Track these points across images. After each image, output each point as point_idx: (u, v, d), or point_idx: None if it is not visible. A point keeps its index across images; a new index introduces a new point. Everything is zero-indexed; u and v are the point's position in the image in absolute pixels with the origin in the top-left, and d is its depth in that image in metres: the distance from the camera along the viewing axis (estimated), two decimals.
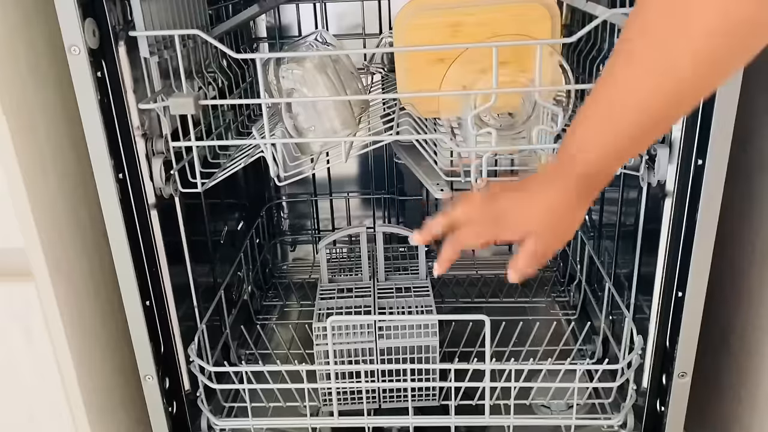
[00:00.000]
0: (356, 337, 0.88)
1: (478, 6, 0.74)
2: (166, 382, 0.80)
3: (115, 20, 0.68)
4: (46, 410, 0.78)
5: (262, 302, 1.21)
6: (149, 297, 0.77)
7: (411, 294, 0.98)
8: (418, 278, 1.03)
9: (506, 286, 1.18)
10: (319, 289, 1.02)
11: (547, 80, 0.71)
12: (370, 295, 0.97)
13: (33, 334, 0.74)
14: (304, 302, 1.21)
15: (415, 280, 1.02)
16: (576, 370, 0.79)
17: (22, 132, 0.67)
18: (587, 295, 1.07)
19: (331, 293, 1.00)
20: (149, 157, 0.75)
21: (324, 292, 1.00)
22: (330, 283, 1.03)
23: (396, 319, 0.88)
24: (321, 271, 1.04)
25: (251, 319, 1.13)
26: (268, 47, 1.21)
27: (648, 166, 0.73)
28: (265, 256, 1.27)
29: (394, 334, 0.87)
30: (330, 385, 0.81)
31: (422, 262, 1.04)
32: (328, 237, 1.04)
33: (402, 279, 1.03)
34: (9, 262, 0.71)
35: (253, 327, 1.09)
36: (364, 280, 1.03)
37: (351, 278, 1.05)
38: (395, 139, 0.76)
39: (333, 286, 1.02)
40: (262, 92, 0.69)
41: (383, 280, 1.03)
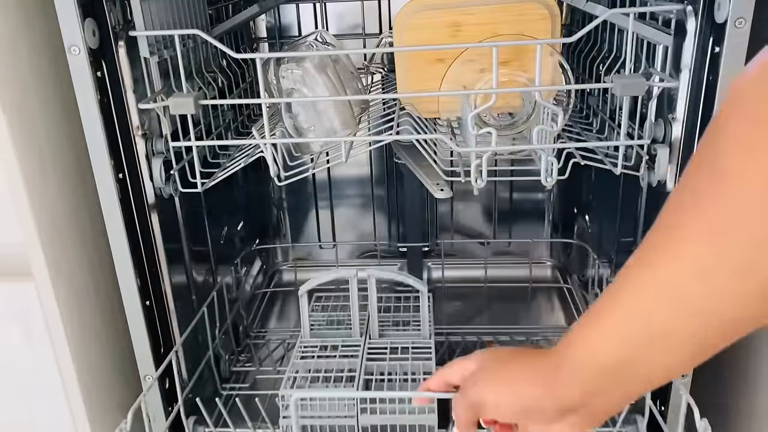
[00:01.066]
0: (333, 411, 0.74)
1: (478, 6, 0.74)
2: (166, 382, 0.80)
3: (115, 20, 0.68)
4: (46, 410, 0.78)
5: (231, 367, 0.99)
6: (149, 297, 0.77)
7: (409, 356, 0.83)
8: (420, 336, 0.88)
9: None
10: (298, 345, 0.87)
11: (547, 80, 0.71)
12: (358, 356, 0.83)
13: (33, 334, 0.74)
14: (282, 368, 0.97)
15: (415, 339, 0.87)
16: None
17: (23, 132, 0.67)
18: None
19: (312, 351, 0.85)
20: (149, 157, 0.75)
21: (304, 350, 0.85)
22: (312, 338, 0.88)
23: (383, 396, 0.73)
24: (302, 323, 0.89)
25: (216, 388, 0.93)
26: (268, 47, 1.21)
27: (648, 166, 0.73)
28: (238, 312, 1.05)
29: (381, 410, 0.73)
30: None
31: (425, 317, 0.89)
32: (309, 282, 0.87)
33: (400, 336, 0.88)
34: (9, 262, 0.71)
35: (217, 398, 0.88)
36: (354, 336, 0.87)
37: (339, 332, 0.90)
38: (395, 139, 0.76)
39: (315, 342, 0.87)
40: (262, 92, 0.69)
41: (377, 336, 0.88)
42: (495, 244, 1.30)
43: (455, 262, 1.27)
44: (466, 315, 1.15)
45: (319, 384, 0.79)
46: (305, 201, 1.31)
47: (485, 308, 1.16)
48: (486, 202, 1.28)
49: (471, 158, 0.70)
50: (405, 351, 0.84)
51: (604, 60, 0.87)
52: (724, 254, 0.34)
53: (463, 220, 1.30)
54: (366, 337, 0.87)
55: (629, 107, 0.69)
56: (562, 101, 0.76)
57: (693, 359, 0.40)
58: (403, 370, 0.81)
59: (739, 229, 0.33)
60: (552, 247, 1.30)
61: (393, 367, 0.81)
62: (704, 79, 0.64)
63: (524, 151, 0.76)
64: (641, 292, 0.39)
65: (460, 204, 1.29)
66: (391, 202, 1.30)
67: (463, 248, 1.31)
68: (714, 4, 0.62)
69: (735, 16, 0.59)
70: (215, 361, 0.92)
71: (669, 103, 0.71)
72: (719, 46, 0.61)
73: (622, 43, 0.79)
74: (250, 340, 1.08)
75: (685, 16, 0.66)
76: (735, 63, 0.61)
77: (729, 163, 0.33)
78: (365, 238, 1.32)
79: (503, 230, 1.30)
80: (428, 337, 0.87)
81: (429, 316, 0.89)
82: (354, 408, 0.73)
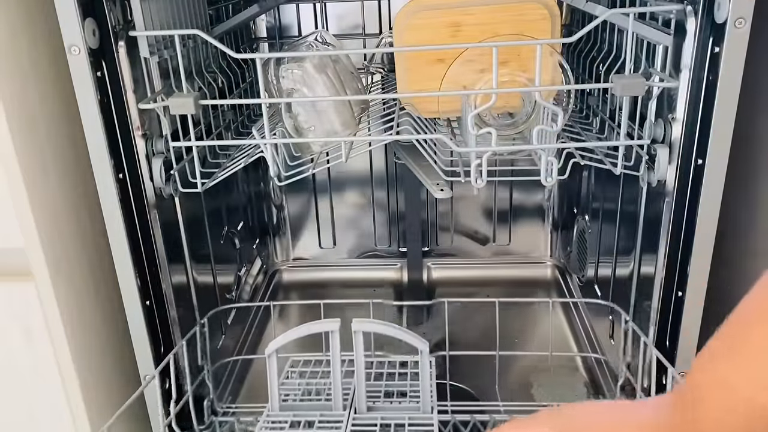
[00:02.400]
0: None
1: (478, 6, 0.74)
2: (166, 382, 0.80)
3: (115, 20, 0.68)
4: (46, 410, 0.78)
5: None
6: (149, 297, 0.77)
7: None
8: (419, 410, 0.69)
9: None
10: (263, 421, 0.70)
11: (547, 80, 0.71)
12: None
13: (33, 334, 0.74)
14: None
15: (413, 414, 0.68)
16: None
17: (23, 132, 0.67)
18: None
19: (281, 427, 0.68)
20: (149, 157, 0.75)
21: (271, 425, 0.69)
22: (282, 412, 0.71)
23: None
24: (269, 391, 0.72)
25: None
26: (268, 47, 1.21)
27: (648, 166, 0.73)
28: (202, 382, 0.84)
29: None
30: None
31: (425, 385, 0.70)
32: (280, 338, 0.70)
33: (393, 411, 0.69)
34: (9, 262, 0.71)
35: None
36: (335, 409, 0.70)
37: (317, 404, 0.72)
38: (395, 139, 0.76)
39: (285, 416, 0.69)
40: (262, 92, 0.69)
41: (364, 410, 0.70)
42: (495, 243, 1.30)
43: (455, 262, 1.27)
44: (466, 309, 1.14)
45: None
46: (305, 201, 1.31)
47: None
48: (486, 202, 1.28)
49: (471, 158, 0.70)
50: (400, 429, 0.67)
51: (604, 60, 0.87)
52: None
53: (463, 220, 1.30)
54: (350, 410, 0.70)
55: (629, 107, 0.69)
56: (562, 101, 0.76)
57: None
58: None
59: None
60: (552, 247, 1.30)
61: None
62: (704, 79, 0.64)
63: (524, 151, 0.76)
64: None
65: (460, 204, 1.29)
66: (391, 202, 1.30)
67: (463, 248, 1.31)
68: (714, 4, 0.62)
69: (735, 16, 0.59)
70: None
71: (669, 103, 0.71)
72: (719, 46, 0.61)
73: (622, 43, 0.79)
74: (216, 417, 0.85)
75: (685, 16, 0.66)
76: (735, 63, 0.61)
77: None
78: (365, 237, 1.32)
79: (503, 230, 1.30)
80: (430, 411, 0.69)
81: (431, 384, 0.70)
82: None
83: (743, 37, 0.60)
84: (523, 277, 1.20)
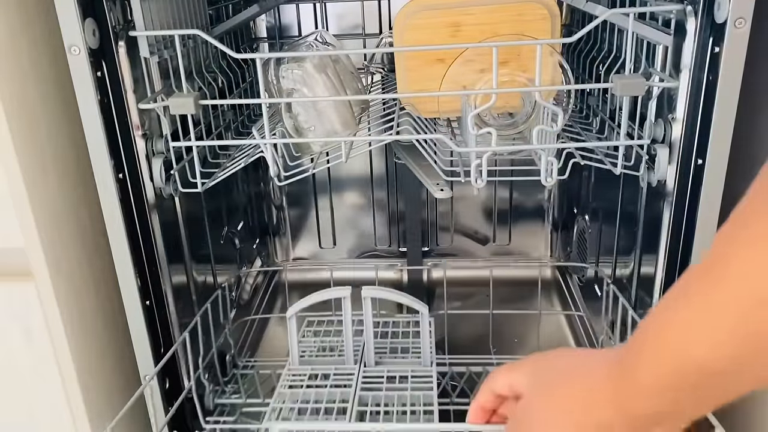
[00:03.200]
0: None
1: (478, 6, 0.74)
2: (166, 382, 0.80)
3: (115, 20, 0.68)
4: (46, 410, 0.78)
5: (215, 399, 0.90)
6: (149, 297, 0.77)
7: (408, 385, 0.75)
8: (420, 364, 0.80)
9: None
10: (286, 372, 0.80)
11: (547, 80, 0.71)
12: (351, 385, 0.75)
13: (33, 334, 0.74)
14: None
15: (415, 367, 0.79)
16: None
17: (23, 132, 0.67)
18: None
19: (301, 380, 0.77)
20: (149, 157, 0.75)
21: (292, 378, 0.78)
22: (301, 366, 0.80)
23: (378, 428, 0.65)
24: (290, 348, 0.81)
25: (198, 423, 0.84)
26: (268, 47, 1.21)
27: (648, 166, 0.73)
28: (226, 340, 0.96)
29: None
30: None
31: (426, 342, 0.81)
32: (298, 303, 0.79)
33: (398, 364, 0.80)
34: (9, 262, 0.71)
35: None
36: (347, 363, 0.80)
37: (332, 359, 0.82)
38: (395, 139, 0.76)
39: (304, 370, 0.79)
40: (262, 92, 0.69)
41: (373, 364, 0.80)
42: (495, 243, 1.30)
43: (455, 262, 1.27)
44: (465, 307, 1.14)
45: (308, 416, 0.72)
46: (305, 201, 1.31)
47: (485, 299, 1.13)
48: (486, 202, 1.28)
49: (471, 158, 0.70)
50: (403, 380, 0.77)
51: (604, 60, 0.87)
52: None
53: (463, 220, 1.30)
54: (360, 364, 0.80)
55: (629, 107, 0.69)
56: (562, 101, 0.76)
57: None
58: (401, 401, 0.74)
59: None
60: (552, 247, 1.30)
61: (390, 397, 0.75)
62: (704, 79, 0.64)
63: (524, 151, 0.76)
64: (741, 276, 0.31)
65: (459, 204, 1.29)
66: (391, 202, 1.30)
67: (463, 248, 1.31)
68: (714, 4, 0.62)
69: (735, 16, 0.59)
70: (197, 393, 0.84)
71: (669, 103, 0.71)
72: (719, 46, 0.61)
73: (622, 43, 0.79)
74: (237, 370, 0.97)
75: (685, 16, 0.66)
76: (735, 63, 0.61)
77: None
78: (365, 238, 1.32)
79: (503, 230, 1.30)
80: (429, 365, 0.80)
81: (430, 342, 0.81)
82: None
83: (743, 37, 0.60)
84: (523, 277, 1.20)
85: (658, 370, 0.36)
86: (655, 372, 0.36)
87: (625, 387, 0.38)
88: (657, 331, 0.36)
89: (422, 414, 0.70)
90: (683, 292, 0.36)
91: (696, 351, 0.33)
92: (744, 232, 0.33)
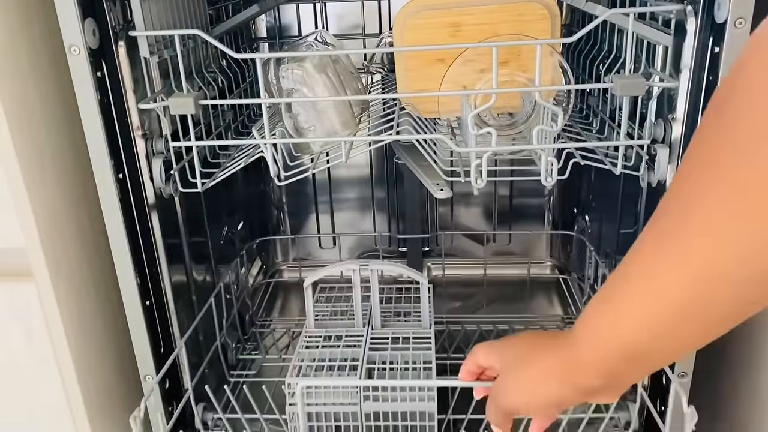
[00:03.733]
0: (338, 398, 0.77)
1: (478, 6, 0.74)
2: (166, 382, 0.80)
3: (115, 20, 0.68)
4: (46, 410, 0.78)
5: (238, 355, 1.04)
6: (149, 297, 0.77)
7: (410, 345, 0.85)
8: (420, 327, 0.91)
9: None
10: (303, 335, 0.90)
11: (547, 80, 0.71)
12: (361, 346, 0.85)
13: (33, 334, 0.74)
14: (288, 356, 1.04)
15: (416, 329, 0.89)
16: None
17: (23, 132, 0.67)
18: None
19: (317, 341, 0.88)
20: (149, 157, 0.75)
21: (309, 339, 0.89)
22: (317, 329, 0.91)
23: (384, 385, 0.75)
24: (307, 314, 0.92)
25: (223, 375, 0.97)
26: (268, 47, 1.21)
27: (648, 166, 0.73)
28: (244, 301, 1.12)
29: (383, 397, 0.76)
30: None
31: (425, 307, 0.91)
32: (314, 274, 0.90)
33: (401, 327, 0.91)
34: (9, 262, 0.71)
35: (225, 385, 0.90)
36: (357, 327, 0.91)
37: (343, 323, 0.93)
38: (395, 139, 0.76)
39: (320, 332, 0.90)
40: (262, 92, 0.69)
41: (379, 327, 0.91)
42: (495, 243, 1.30)
43: (455, 262, 1.27)
44: (465, 307, 1.15)
45: (324, 372, 0.82)
46: (305, 201, 1.31)
47: (484, 302, 1.16)
48: (486, 202, 1.28)
49: (471, 158, 0.70)
50: (406, 341, 0.87)
51: (604, 60, 0.87)
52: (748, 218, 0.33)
53: (463, 220, 1.30)
54: (368, 327, 0.90)
55: (629, 107, 0.69)
56: (562, 101, 0.76)
57: (722, 327, 0.38)
58: (404, 359, 0.83)
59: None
60: (552, 247, 1.30)
61: (394, 356, 0.84)
62: (704, 79, 0.64)
63: (524, 151, 0.76)
64: (659, 268, 0.38)
65: (460, 204, 1.29)
66: (391, 202, 1.30)
67: (462, 248, 1.31)
68: (714, 4, 0.62)
69: (735, 16, 0.59)
70: (222, 350, 0.96)
71: (669, 103, 0.71)
72: (719, 46, 0.61)
73: (622, 43, 0.79)
74: (255, 328, 1.12)
75: (685, 16, 0.66)
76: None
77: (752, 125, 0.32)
78: (365, 238, 1.32)
79: (503, 230, 1.30)
80: (428, 327, 0.90)
81: (429, 307, 0.91)
82: (357, 396, 0.76)
83: (743, 37, 0.60)
84: (523, 277, 1.20)
85: (596, 353, 0.44)
86: (594, 354, 0.44)
87: (572, 366, 0.47)
88: (592, 321, 0.45)
89: (422, 370, 0.80)
90: (609, 292, 0.43)
91: (622, 336, 0.42)
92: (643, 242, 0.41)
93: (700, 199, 0.35)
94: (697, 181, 0.35)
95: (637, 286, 0.40)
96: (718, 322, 0.38)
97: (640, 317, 0.40)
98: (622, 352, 0.43)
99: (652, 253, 0.39)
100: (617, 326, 0.42)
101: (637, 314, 0.40)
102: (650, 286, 0.39)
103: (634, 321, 0.41)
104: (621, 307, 0.41)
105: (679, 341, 0.40)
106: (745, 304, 0.36)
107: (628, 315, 0.41)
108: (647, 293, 0.39)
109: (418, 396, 0.75)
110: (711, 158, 0.35)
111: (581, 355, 0.46)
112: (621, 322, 0.42)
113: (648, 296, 0.39)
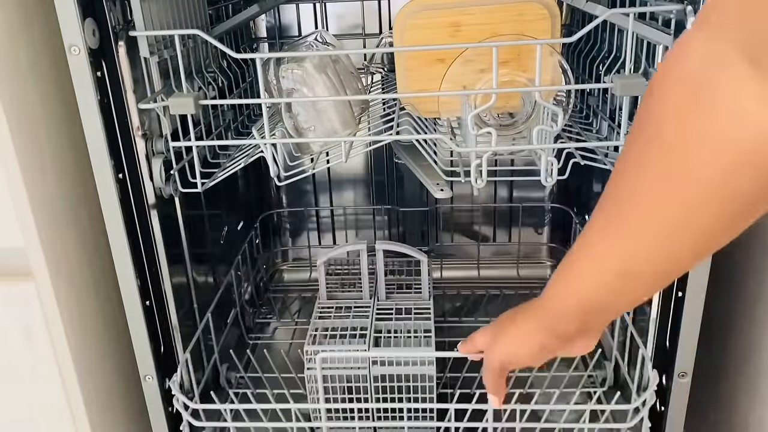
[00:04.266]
0: (349, 364, 0.86)
1: (478, 6, 0.74)
2: (166, 382, 0.80)
3: (115, 20, 0.68)
4: (46, 410, 0.78)
5: (255, 319, 1.16)
6: (149, 297, 0.77)
7: (411, 315, 0.95)
8: (421, 298, 1.00)
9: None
10: (317, 306, 0.99)
11: (547, 80, 0.71)
12: (368, 316, 0.94)
13: (33, 334, 0.74)
14: (300, 320, 1.17)
15: (417, 301, 0.99)
16: (586, 409, 0.78)
17: (23, 132, 0.67)
18: None
19: (329, 312, 0.97)
20: (149, 157, 0.75)
21: (322, 310, 0.98)
22: (329, 300, 1.00)
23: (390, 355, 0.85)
24: (320, 287, 1.01)
25: (243, 338, 1.08)
26: (268, 47, 1.21)
27: None
28: (260, 270, 1.23)
29: (389, 361, 0.85)
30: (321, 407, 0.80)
31: (425, 281, 1.00)
32: (326, 253, 1.01)
33: (403, 299, 1.00)
34: (9, 262, 0.71)
35: (245, 347, 1.06)
36: (364, 299, 1.00)
37: (351, 295, 1.02)
38: (395, 139, 0.76)
39: (331, 303, 0.99)
40: (262, 92, 0.69)
41: (384, 299, 1.00)
42: (494, 243, 1.30)
43: (455, 262, 1.27)
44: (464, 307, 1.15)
45: (336, 340, 0.90)
46: (305, 201, 1.31)
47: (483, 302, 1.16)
48: (486, 202, 1.28)
49: (471, 158, 0.70)
50: (408, 311, 0.96)
51: (604, 60, 0.87)
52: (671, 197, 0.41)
53: (463, 220, 1.30)
54: (374, 299, 0.99)
55: (629, 107, 0.69)
56: (562, 101, 0.76)
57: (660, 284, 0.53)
58: (406, 328, 0.92)
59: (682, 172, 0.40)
60: (551, 247, 1.30)
61: (398, 325, 0.93)
62: None
63: (524, 151, 0.76)
64: (601, 240, 0.48)
65: (460, 204, 1.29)
66: (391, 202, 1.30)
67: (462, 248, 1.31)
68: None
69: None
70: (241, 315, 1.07)
71: None
72: None
73: (622, 43, 0.79)
74: (269, 294, 1.25)
75: (685, 16, 0.65)
76: None
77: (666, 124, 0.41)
78: (365, 237, 1.32)
79: (503, 230, 1.30)
80: (428, 299, 0.99)
81: (428, 281, 1.01)
82: (367, 362, 0.85)
83: None
84: (523, 277, 1.20)
85: (567, 303, 0.54)
86: (565, 304, 0.54)
87: (548, 316, 0.56)
88: (561, 279, 0.54)
89: (423, 338, 0.90)
90: (573, 257, 0.52)
91: (586, 292, 0.51)
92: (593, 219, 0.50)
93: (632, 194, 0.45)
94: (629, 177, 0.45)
95: (589, 254, 0.50)
96: (653, 281, 0.48)
97: (590, 279, 0.50)
98: (582, 306, 0.52)
99: (597, 232, 0.49)
100: (581, 287, 0.52)
101: (587, 277, 0.51)
102: (598, 254, 0.49)
103: (586, 282, 0.51)
104: (574, 274, 0.52)
105: (628, 296, 0.50)
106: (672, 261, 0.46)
107: (582, 278, 0.51)
108: (594, 260, 0.50)
109: (419, 361, 0.84)
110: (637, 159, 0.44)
111: (555, 305, 0.55)
112: (582, 283, 0.52)
113: (594, 262, 0.50)
